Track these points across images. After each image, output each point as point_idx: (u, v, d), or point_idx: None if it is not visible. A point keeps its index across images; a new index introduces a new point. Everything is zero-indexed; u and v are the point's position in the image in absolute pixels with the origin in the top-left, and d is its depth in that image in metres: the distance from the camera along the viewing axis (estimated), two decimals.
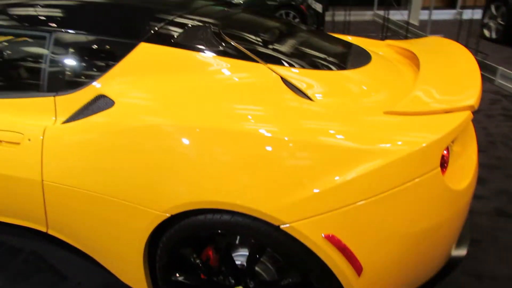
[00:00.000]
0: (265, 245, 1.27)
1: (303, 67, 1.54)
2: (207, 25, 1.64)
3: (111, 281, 1.60)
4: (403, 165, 1.12)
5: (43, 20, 1.68)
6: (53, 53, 1.60)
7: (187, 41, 1.54)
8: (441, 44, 2.16)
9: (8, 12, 1.77)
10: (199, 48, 1.51)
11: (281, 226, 1.15)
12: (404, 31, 6.35)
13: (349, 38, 2.37)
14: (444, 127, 1.16)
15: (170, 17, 1.66)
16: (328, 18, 6.73)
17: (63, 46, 1.61)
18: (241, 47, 1.53)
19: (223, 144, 1.24)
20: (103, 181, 1.39)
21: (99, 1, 1.84)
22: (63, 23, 1.64)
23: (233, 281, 1.42)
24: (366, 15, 9.09)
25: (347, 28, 6.22)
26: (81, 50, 1.61)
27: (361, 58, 1.80)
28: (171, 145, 1.29)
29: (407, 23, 6.07)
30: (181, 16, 1.69)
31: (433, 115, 1.22)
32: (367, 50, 1.95)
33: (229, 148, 1.23)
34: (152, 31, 1.56)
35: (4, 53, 1.89)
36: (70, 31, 1.61)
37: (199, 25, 1.63)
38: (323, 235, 1.12)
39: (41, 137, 1.50)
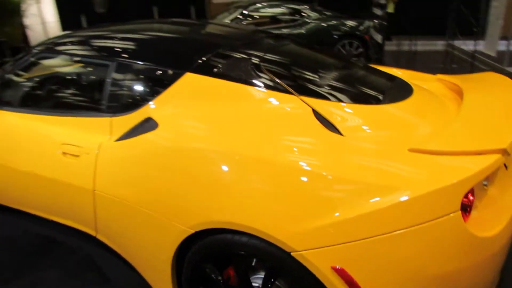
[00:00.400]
0: (278, 269, 1.31)
1: (338, 100, 1.59)
2: (248, 57, 1.78)
3: None
4: (419, 205, 1.11)
5: (107, 50, 1.95)
6: (113, 79, 1.84)
7: (228, 72, 1.68)
8: (494, 80, 2.07)
9: (78, 43, 2.08)
10: (237, 79, 1.65)
11: (292, 253, 1.20)
12: (479, 63, 6.01)
13: (398, 73, 2.36)
14: (467, 170, 1.14)
15: (217, 49, 1.83)
16: (393, 48, 6.63)
17: (122, 73, 1.84)
18: (277, 79, 1.63)
19: (249, 171, 1.32)
20: (139, 193, 1.56)
21: (156, 34, 2.08)
22: (122, 54, 1.89)
23: None
24: (437, 45, 8.75)
25: (412, 59, 6.06)
26: (137, 78, 1.83)
27: (401, 92, 1.80)
28: (203, 167, 1.41)
29: (476, 53, 5.74)
30: (227, 48, 1.85)
31: (458, 156, 1.20)
32: (411, 84, 1.94)
33: (254, 175, 1.32)
34: (198, 62, 1.73)
35: (73, 77, 2.20)
36: (128, 61, 1.85)
37: (240, 58, 1.78)
38: (331, 267, 1.14)
39: (96, 152, 1.72)
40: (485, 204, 1.31)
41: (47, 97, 2.24)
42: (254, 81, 1.64)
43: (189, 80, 1.69)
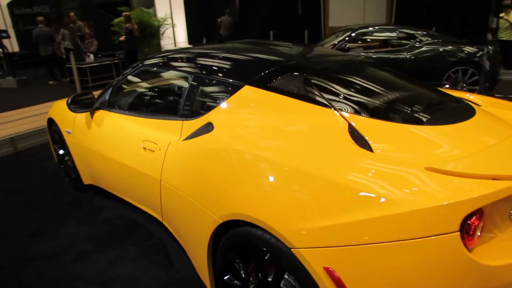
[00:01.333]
0: (282, 263, 1.38)
1: (379, 118, 1.61)
2: (300, 73, 1.90)
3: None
4: (415, 220, 1.09)
5: (188, 65, 2.28)
6: (189, 89, 2.15)
7: (279, 86, 1.84)
8: None
9: (170, 59, 2.46)
10: (286, 92, 1.79)
11: (292, 249, 1.28)
12: None
13: (470, 97, 2.22)
14: (472, 192, 1.08)
15: (276, 65, 2.00)
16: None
17: (195, 85, 2.14)
18: (321, 94, 1.72)
19: (277, 175, 1.44)
20: (188, 184, 1.80)
21: (230, 52, 2.35)
22: (198, 68, 2.19)
23: None
24: None
25: None
26: (206, 88, 2.11)
27: (457, 116, 1.72)
28: (237, 167, 1.58)
29: None
30: (285, 65, 2.01)
31: (471, 178, 1.14)
32: (477, 110, 1.83)
33: (275, 176, 1.44)
34: (256, 76, 1.93)
35: (160, 87, 2.59)
36: (200, 74, 2.14)
37: (293, 74, 1.91)
38: (323, 267, 1.19)
39: (167, 148, 2.03)
40: (504, 233, 1.19)
41: (139, 102, 2.68)
42: (300, 95, 1.75)
43: (246, 92, 1.89)
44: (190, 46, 2.76)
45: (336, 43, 6.35)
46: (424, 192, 1.15)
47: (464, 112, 1.77)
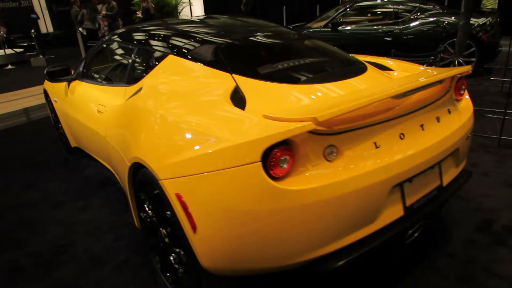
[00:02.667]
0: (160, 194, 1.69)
1: (265, 79, 1.87)
2: (216, 44, 2.17)
3: None
4: (231, 152, 1.36)
5: (134, 39, 2.60)
6: (132, 60, 2.47)
7: (194, 55, 2.12)
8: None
9: (128, 33, 2.79)
10: (198, 60, 2.08)
11: (159, 181, 1.59)
12: None
13: (390, 63, 2.40)
14: (272, 131, 1.34)
15: (197, 37, 2.27)
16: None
17: (138, 56, 2.46)
18: (225, 60, 2.00)
19: (159, 125, 1.76)
20: (116, 135, 2.17)
21: (171, 27, 2.62)
22: (141, 41, 2.52)
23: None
24: None
25: None
26: (144, 58, 2.42)
27: (338, 76, 1.95)
28: (140, 120, 1.90)
29: None
30: (205, 37, 2.28)
31: (285, 122, 1.38)
32: (365, 72, 2.04)
33: (159, 128, 1.75)
34: (178, 47, 2.22)
35: (116, 58, 2.92)
36: (142, 46, 2.47)
37: (209, 45, 2.18)
38: (175, 193, 1.50)
39: (110, 110, 2.38)
40: (320, 165, 1.43)
41: (100, 72, 3.02)
42: (209, 61, 2.03)
43: (169, 61, 2.19)
44: (148, 23, 3.07)
45: (332, 16, 6.39)
46: (243, 132, 1.40)
47: (348, 73, 1.99)
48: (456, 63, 5.63)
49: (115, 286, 2.06)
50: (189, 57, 2.13)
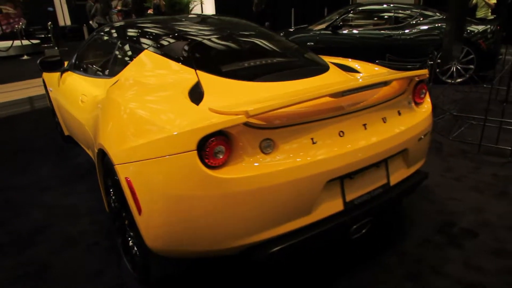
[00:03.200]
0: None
1: (224, 76, 1.98)
2: (188, 41, 2.29)
3: None
4: (172, 141, 1.48)
5: (118, 34, 2.75)
6: (115, 53, 2.61)
7: (166, 51, 2.24)
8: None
9: (116, 28, 2.93)
10: (169, 56, 2.20)
11: (114, 166, 1.72)
12: None
13: (356, 66, 2.48)
14: (208, 122, 1.44)
15: (173, 34, 2.40)
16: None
17: (120, 50, 2.60)
18: (193, 56, 2.12)
19: (118, 115, 1.88)
20: (92, 125, 2.30)
21: (153, 25, 2.75)
22: (124, 37, 2.66)
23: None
24: None
25: None
26: (125, 53, 2.56)
27: (294, 76, 2.04)
28: (106, 110, 2.04)
29: None
30: (182, 34, 2.40)
31: (222, 115, 1.49)
32: (324, 73, 2.13)
33: (118, 117, 1.87)
34: (154, 43, 2.34)
35: (101, 52, 3.07)
36: (124, 41, 2.61)
37: (181, 41, 2.30)
38: (125, 178, 1.63)
39: (91, 100, 2.52)
40: (256, 157, 1.53)
41: (87, 65, 3.17)
42: (179, 57, 2.15)
43: (145, 55, 2.32)
44: (134, 19, 3.21)
45: (333, 19, 6.45)
46: (184, 123, 1.51)
47: (307, 73, 2.08)
48: (454, 69, 5.65)
49: (82, 266, 2.19)
50: (162, 52, 2.26)
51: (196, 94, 1.82)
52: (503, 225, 2.41)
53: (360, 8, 6.52)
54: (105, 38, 3.00)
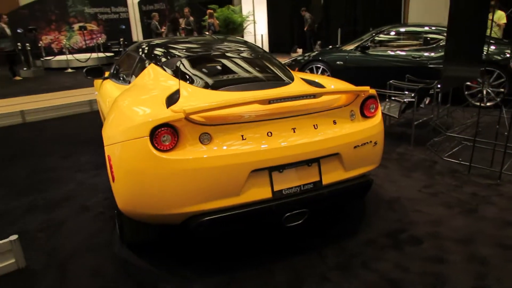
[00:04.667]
0: None
1: (200, 86, 2.50)
2: (181, 57, 2.85)
3: None
4: (135, 129, 1.99)
5: (141, 51, 3.36)
6: (135, 65, 3.27)
7: (163, 65, 2.83)
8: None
9: (136, 46, 3.59)
10: (165, 68, 2.78)
11: (104, 147, 2.28)
12: None
13: (325, 81, 2.87)
14: (158, 117, 1.96)
15: (173, 52, 2.98)
16: None
17: (138, 62, 3.25)
18: (180, 70, 2.67)
19: (112, 110, 2.47)
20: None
21: (168, 43, 3.35)
22: (144, 52, 3.29)
23: None
24: None
25: None
26: (141, 65, 3.18)
27: (261, 87, 2.49)
28: (112, 107, 2.65)
29: None
30: (180, 51, 2.97)
31: (173, 112, 2.00)
32: (285, 87, 2.56)
33: (112, 112, 2.46)
34: (155, 57, 2.95)
35: (128, 64, 3.73)
36: (141, 55, 3.24)
37: (176, 57, 2.87)
38: (107, 155, 2.19)
39: (112, 101, 3.19)
40: (195, 146, 2.00)
41: (119, 74, 3.85)
42: (172, 70, 2.72)
43: (150, 68, 2.93)
44: (154, 39, 3.87)
45: (364, 39, 6.69)
46: (144, 117, 2.04)
47: (267, 86, 2.53)
48: (484, 92, 5.60)
49: (86, 227, 2.81)
50: (162, 66, 2.84)
51: (173, 98, 2.35)
52: (453, 238, 2.57)
53: (392, 29, 6.69)
54: (133, 53, 3.69)
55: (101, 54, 13.08)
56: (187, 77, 2.62)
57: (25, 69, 11.04)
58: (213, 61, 2.93)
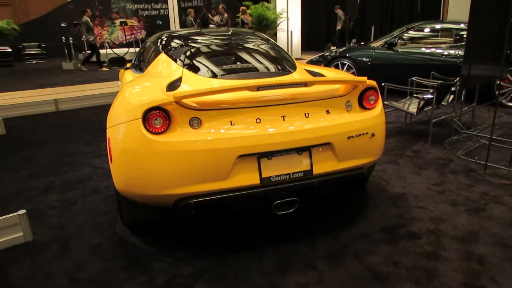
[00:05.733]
0: None
1: (201, 74, 2.58)
2: (192, 47, 2.94)
3: None
4: (130, 111, 2.10)
5: (160, 42, 3.49)
6: (149, 54, 3.41)
7: (172, 54, 2.93)
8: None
9: (155, 37, 3.72)
10: (173, 57, 2.88)
11: (106, 129, 2.41)
12: None
13: (325, 72, 2.87)
14: (149, 100, 2.05)
15: (183, 42, 3.08)
16: None
17: (153, 51, 3.38)
18: (185, 58, 2.77)
19: (118, 95, 2.60)
20: None
21: (183, 35, 3.45)
22: (158, 42, 3.42)
23: None
24: None
25: None
26: (154, 53, 3.31)
27: (263, 75, 2.54)
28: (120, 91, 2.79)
29: None
30: (190, 42, 3.07)
31: (165, 96, 2.09)
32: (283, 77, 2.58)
33: (119, 96, 2.58)
34: (168, 48, 3.06)
35: (144, 54, 3.88)
36: (157, 46, 3.37)
37: (183, 47, 2.96)
38: (108, 137, 2.31)
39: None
40: (185, 129, 2.09)
41: (137, 64, 3.99)
42: (177, 58, 2.82)
43: (161, 56, 3.04)
44: (170, 31, 3.99)
45: (392, 35, 6.51)
46: (144, 100, 2.11)
47: (269, 74, 2.58)
48: None
49: (95, 207, 2.98)
50: (171, 55, 2.95)
51: (175, 85, 2.44)
52: (453, 236, 2.49)
53: (422, 26, 6.48)
54: (151, 43, 3.83)
55: (138, 49, 13.57)
56: (192, 66, 2.71)
57: (67, 61, 11.68)
58: (219, 51, 3.00)
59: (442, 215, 2.75)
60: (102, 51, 13.45)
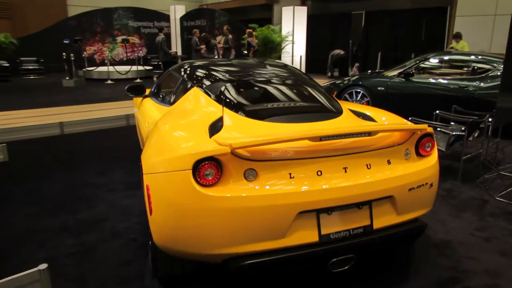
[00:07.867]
0: None
1: (242, 114, 2.38)
2: (223, 82, 2.75)
3: None
4: (177, 160, 1.89)
5: (184, 71, 3.31)
6: (177, 87, 3.21)
7: (207, 89, 2.74)
8: None
9: (177, 66, 3.55)
10: (208, 93, 2.68)
11: (143, 175, 2.17)
12: None
13: (368, 112, 2.70)
14: (202, 150, 1.84)
15: (216, 75, 2.89)
16: None
17: (180, 84, 3.18)
18: (223, 96, 2.57)
19: (153, 134, 2.39)
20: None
21: (210, 66, 3.26)
22: (186, 73, 3.23)
23: None
24: None
25: None
26: (183, 86, 3.10)
27: (310, 119, 2.35)
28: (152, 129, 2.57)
29: None
30: (223, 75, 2.88)
31: (218, 145, 1.88)
32: (329, 120, 2.39)
33: (153, 136, 2.38)
34: (199, 80, 2.87)
35: (168, 85, 3.68)
36: (184, 78, 3.19)
37: (219, 82, 2.77)
38: (146, 185, 2.08)
39: (152, 122, 3.13)
40: (240, 182, 1.88)
41: (159, 95, 3.80)
42: (214, 95, 2.63)
43: (193, 91, 2.85)
44: (198, 60, 3.82)
45: (407, 65, 6.42)
46: (189, 148, 1.93)
47: (317, 118, 2.36)
48: None
49: (117, 255, 2.72)
50: (205, 90, 2.75)
51: (216, 126, 2.24)
52: None
53: (437, 57, 6.41)
54: (175, 73, 3.64)
55: (140, 67, 13.38)
56: (231, 103, 2.52)
57: (67, 78, 11.41)
58: (257, 87, 2.81)
59: (496, 267, 2.56)
60: (103, 68, 13.26)
